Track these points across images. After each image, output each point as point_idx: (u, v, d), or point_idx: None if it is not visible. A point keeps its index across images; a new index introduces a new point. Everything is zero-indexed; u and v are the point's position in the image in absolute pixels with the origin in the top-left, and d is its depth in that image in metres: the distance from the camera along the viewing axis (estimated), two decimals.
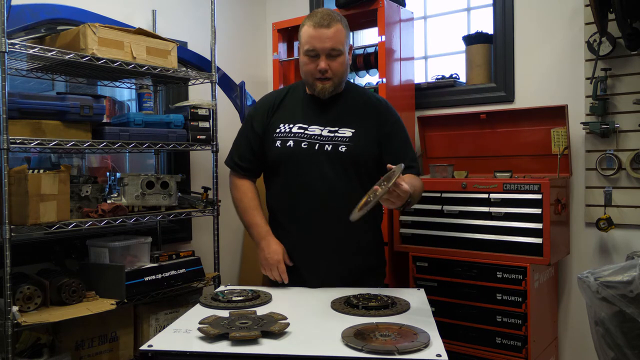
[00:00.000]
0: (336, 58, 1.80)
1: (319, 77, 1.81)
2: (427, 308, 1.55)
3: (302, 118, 1.89)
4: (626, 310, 1.83)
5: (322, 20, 1.77)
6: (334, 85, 1.84)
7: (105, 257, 2.24)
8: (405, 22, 2.84)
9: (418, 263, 2.46)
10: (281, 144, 1.86)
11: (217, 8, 2.75)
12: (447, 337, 2.29)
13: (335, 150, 1.82)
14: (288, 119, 1.90)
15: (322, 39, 1.76)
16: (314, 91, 1.87)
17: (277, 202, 1.95)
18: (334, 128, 1.86)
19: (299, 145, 1.84)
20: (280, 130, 1.89)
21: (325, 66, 1.78)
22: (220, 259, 2.70)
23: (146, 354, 1.23)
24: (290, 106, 1.93)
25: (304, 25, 1.81)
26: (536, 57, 2.64)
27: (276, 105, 1.94)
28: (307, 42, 1.79)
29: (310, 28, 1.78)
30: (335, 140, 1.84)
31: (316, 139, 1.85)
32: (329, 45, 1.77)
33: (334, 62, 1.79)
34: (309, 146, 1.84)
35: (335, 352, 1.20)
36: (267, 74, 3.55)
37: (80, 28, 2.07)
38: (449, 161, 2.65)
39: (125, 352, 2.35)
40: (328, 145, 1.83)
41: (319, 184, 1.83)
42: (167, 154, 2.91)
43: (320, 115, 1.89)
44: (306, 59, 1.81)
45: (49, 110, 2.01)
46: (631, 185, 2.37)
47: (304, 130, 1.86)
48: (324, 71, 1.79)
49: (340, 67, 1.81)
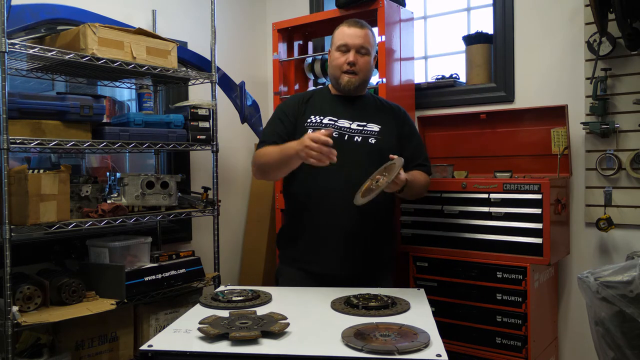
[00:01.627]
0: (364, 56, 1.98)
1: (347, 70, 1.97)
2: (427, 308, 1.55)
3: (331, 112, 2.02)
4: (626, 310, 1.84)
5: (356, 22, 2.01)
6: (359, 80, 1.99)
7: (105, 257, 2.24)
8: (405, 22, 2.84)
9: (418, 263, 2.46)
10: (313, 131, 1.90)
11: (217, 8, 2.75)
12: (447, 337, 2.29)
13: (365, 141, 1.96)
14: (318, 112, 2.02)
15: (354, 36, 1.97)
16: (339, 86, 2.01)
17: (302, 187, 1.98)
18: (362, 122, 2.00)
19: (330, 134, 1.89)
20: (311, 120, 2.00)
21: (354, 59, 1.96)
22: (220, 259, 2.70)
23: (146, 354, 1.23)
24: (319, 103, 2.06)
25: (339, 27, 2.03)
26: (536, 57, 2.64)
27: (305, 100, 2.07)
28: (341, 39, 1.99)
29: (345, 27, 2.00)
30: (364, 133, 1.98)
31: (346, 130, 1.98)
32: (360, 42, 1.96)
33: (361, 58, 1.98)
34: (340, 136, 1.95)
35: (335, 352, 1.20)
36: (267, 74, 3.55)
37: (80, 28, 2.08)
38: (449, 161, 2.65)
39: (125, 352, 2.35)
40: (358, 136, 1.97)
41: (349, 172, 1.89)
42: (167, 154, 2.91)
43: (348, 112, 2.02)
44: (337, 54, 1.99)
45: (49, 110, 2.01)
46: (631, 185, 2.37)
47: (334, 122, 1.99)
48: (352, 63, 1.96)
49: (366, 64, 1.99)
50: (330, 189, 1.91)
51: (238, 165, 3.34)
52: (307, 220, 1.98)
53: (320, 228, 1.95)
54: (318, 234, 1.95)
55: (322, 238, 1.94)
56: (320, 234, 1.95)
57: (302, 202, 2.00)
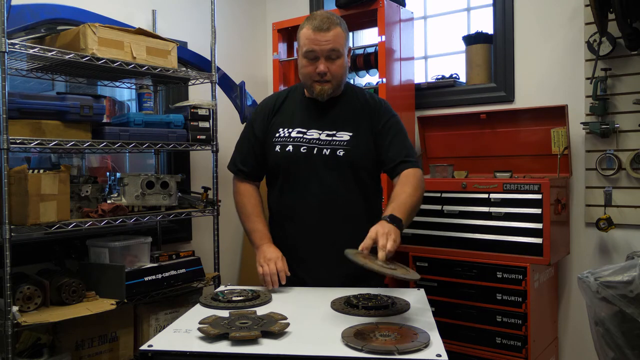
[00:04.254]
0: (335, 60, 1.79)
1: (318, 80, 1.81)
2: (427, 308, 1.55)
3: (300, 122, 1.89)
4: (626, 310, 1.84)
5: (321, 23, 1.77)
6: (332, 88, 1.83)
7: (105, 257, 2.24)
8: (405, 22, 2.84)
9: (418, 263, 2.46)
10: (280, 148, 1.87)
11: (217, 8, 2.75)
12: (447, 337, 2.29)
13: (333, 154, 1.83)
14: (287, 123, 1.90)
15: (321, 42, 1.76)
16: (312, 93, 1.86)
17: (277, 205, 1.95)
18: (332, 132, 1.86)
19: (297, 150, 1.85)
20: (279, 135, 1.89)
21: (325, 68, 1.78)
22: (220, 259, 2.70)
23: (146, 354, 1.23)
24: (290, 109, 1.93)
25: (303, 28, 1.81)
26: (536, 57, 2.64)
27: (276, 108, 1.95)
28: (306, 45, 1.78)
29: (310, 31, 1.77)
30: (333, 144, 1.84)
31: (314, 142, 1.85)
32: (328, 48, 1.77)
33: (333, 65, 1.79)
34: (307, 150, 1.84)
35: (335, 352, 1.20)
36: (267, 74, 3.55)
37: (80, 28, 2.07)
38: (449, 161, 2.65)
39: (125, 352, 2.35)
40: (326, 149, 1.83)
41: (318, 188, 1.84)
42: (167, 154, 2.90)
43: (319, 119, 1.88)
44: (305, 61, 1.81)
45: (49, 110, 2.01)
46: (631, 185, 2.37)
47: (302, 135, 1.87)
48: (322, 74, 1.79)
49: (339, 69, 1.81)
50: (304, 206, 1.85)
51: None
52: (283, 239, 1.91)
53: (299, 243, 1.88)
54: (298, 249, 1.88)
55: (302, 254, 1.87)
56: (300, 249, 1.88)
57: (275, 217, 1.97)
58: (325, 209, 1.84)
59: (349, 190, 1.85)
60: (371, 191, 1.93)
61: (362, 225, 1.80)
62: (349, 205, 1.86)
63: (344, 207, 1.85)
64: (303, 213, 1.86)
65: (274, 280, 1.76)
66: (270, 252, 1.84)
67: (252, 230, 1.93)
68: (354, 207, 1.87)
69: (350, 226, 1.83)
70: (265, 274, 1.79)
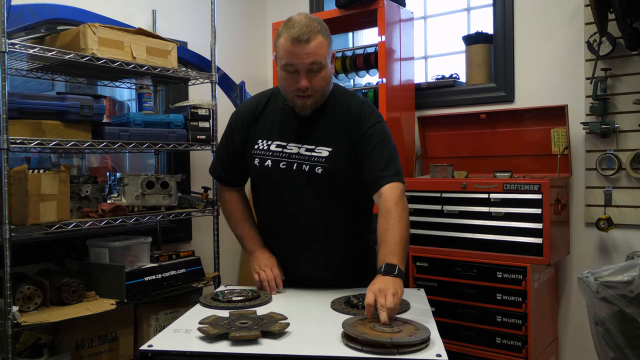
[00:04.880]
0: (318, 73, 1.64)
1: (299, 94, 1.67)
2: (427, 308, 1.55)
3: (280, 134, 1.78)
4: (626, 310, 1.84)
5: (300, 33, 1.60)
6: (315, 101, 1.70)
7: (105, 257, 2.24)
8: (405, 22, 2.84)
9: (418, 263, 2.46)
10: (259, 162, 1.79)
11: (217, 8, 2.75)
12: (447, 337, 2.29)
13: (312, 171, 1.73)
14: (266, 134, 1.80)
15: (301, 54, 1.60)
16: (294, 106, 1.74)
17: (260, 215, 1.94)
18: (312, 146, 1.74)
19: (277, 165, 1.76)
20: (258, 147, 1.80)
21: (306, 84, 1.63)
22: (220, 259, 2.70)
23: (146, 354, 1.23)
24: (270, 118, 1.82)
25: (280, 37, 1.65)
26: (536, 57, 2.64)
27: (257, 114, 1.84)
28: (285, 57, 1.63)
29: (288, 42, 1.61)
30: (312, 160, 1.74)
31: (294, 157, 1.75)
32: (309, 61, 1.61)
33: (315, 78, 1.64)
34: (287, 166, 1.75)
35: (335, 352, 1.20)
36: (267, 74, 3.55)
37: (80, 28, 2.07)
38: (449, 161, 2.65)
39: (125, 352, 2.35)
40: (305, 165, 1.74)
41: (297, 204, 1.78)
42: (167, 154, 2.91)
43: (299, 131, 1.77)
44: (284, 74, 1.66)
45: (49, 110, 2.01)
46: (631, 185, 2.37)
47: (282, 149, 1.77)
48: (304, 89, 1.64)
49: (322, 81, 1.66)
50: (285, 220, 1.81)
51: None
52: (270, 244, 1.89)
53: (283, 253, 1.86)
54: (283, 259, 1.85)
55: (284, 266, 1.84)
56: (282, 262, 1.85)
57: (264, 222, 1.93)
58: (304, 225, 1.79)
59: (329, 207, 1.76)
60: (355, 208, 1.82)
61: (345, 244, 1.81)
62: (330, 222, 1.78)
63: (322, 222, 1.78)
64: (283, 228, 1.83)
65: (272, 286, 1.76)
66: (264, 258, 1.83)
67: (243, 236, 1.92)
68: (335, 224, 1.79)
69: (332, 244, 1.79)
70: (262, 280, 1.78)
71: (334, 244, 1.80)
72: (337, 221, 1.79)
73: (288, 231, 1.83)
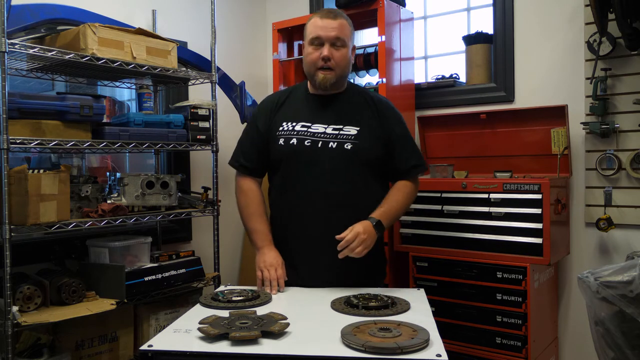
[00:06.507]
0: (339, 49, 1.83)
1: (321, 67, 1.82)
2: (427, 308, 1.55)
3: (305, 116, 1.89)
4: (626, 310, 1.84)
5: (328, 13, 1.85)
6: (335, 77, 1.84)
7: (105, 257, 2.24)
8: (405, 22, 2.84)
9: (418, 263, 2.46)
10: (284, 141, 1.87)
11: (217, 8, 2.75)
12: (447, 337, 2.29)
13: (341, 147, 1.82)
14: (291, 118, 1.91)
15: (327, 28, 1.81)
16: (315, 83, 1.87)
17: (279, 199, 1.94)
18: (338, 126, 1.86)
19: (302, 143, 1.84)
20: (283, 129, 1.89)
21: (329, 53, 1.81)
22: (220, 259, 2.70)
23: (146, 354, 1.23)
24: (293, 105, 1.94)
25: (311, 19, 1.88)
26: (536, 57, 2.64)
27: (279, 104, 1.95)
28: (313, 32, 1.84)
29: (318, 18, 1.85)
30: (340, 137, 1.84)
31: (320, 136, 1.85)
32: (334, 34, 1.81)
33: (337, 52, 1.83)
34: (312, 144, 1.84)
35: (335, 352, 1.20)
36: (267, 74, 3.55)
37: (80, 28, 2.07)
38: (449, 161, 2.65)
39: (125, 352, 2.35)
40: (333, 142, 1.83)
41: (322, 182, 1.82)
42: (167, 154, 2.91)
43: (324, 114, 1.89)
44: (310, 49, 1.85)
45: (49, 110, 2.01)
46: (631, 185, 2.37)
47: (307, 129, 1.87)
48: (326, 59, 1.81)
49: (342, 58, 1.84)
50: (307, 200, 1.84)
51: None
52: (289, 230, 1.91)
53: (300, 239, 1.88)
54: (299, 245, 1.88)
55: (303, 249, 1.87)
56: (301, 245, 1.87)
57: (281, 212, 1.94)
58: (328, 202, 1.83)
59: (354, 184, 1.84)
60: (375, 187, 1.91)
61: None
62: (353, 198, 1.84)
63: (347, 200, 1.83)
64: (306, 206, 1.85)
65: (273, 285, 1.77)
66: (270, 257, 1.84)
67: (254, 230, 1.93)
68: (360, 199, 1.85)
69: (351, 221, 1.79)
70: (265, 278, 1.80)
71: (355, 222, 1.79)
72: (361, 197, 1.84)
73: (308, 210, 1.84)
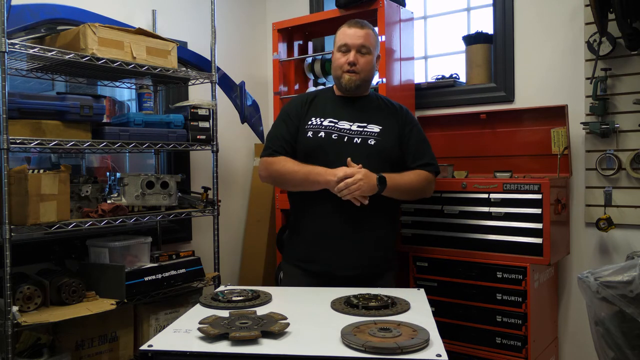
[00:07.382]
0: (365, 55, 2.00)
1: (347, 70, 1.99)
2: (427, 308, 1.55)
3: (332, 114, 2.04)
4: (626, 310, 1.84)
5: (356, 23, 2.03)
6: (360, 80, 2.01)
7: (105, 257, 2.24)
8: (405, 22, 2.84)
9: (418, 263, 2.46)
10: (312, 134, 2.00)
11: (217, 8, 2.75)
12: (447, 337, 2.29)
13: (365, 143, 1.97)
14: (320, 114, 2.05)
15: (354, 36, 2.00)
16: (341, 85, 2.03)
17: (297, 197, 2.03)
18: (363, 124, 2.01)
19: (329, 137, 1.98)
20: (312, 123, 2.03)
21: (354, 59, 1.98)
22: (220, 259, 2.70)
23: (146, 354, 1.23)
24: (321, 104, 2.09)
25: (341, 28, 2.05)
26: (536, 57, 2.64)
27: (309, 101, 2.10)
28: (341, 39, 2.02)
29: (346, 27, 2.03)
30: (364, 134, 1.99)
31: (345, 132, 1.99)
32: (360, 42, 1.99)
33: (362, 58, 2.00)
34: (339, 138, 1.98)
35: (335, 352, 1.20)
36: (267, 74, 3.55)
37: (80, 28, 2.08)
38: (449, 161, 2.65)
39: (125, 352, 2.35)
40: (357, 138, 1.98)
41: None
42: (167, 154, 2.91)
43: (349, 112, 2.04)
44: (339, 54, 2.03)
45: (49, 110, 2.01)
46: (631, 185, 2.37)
47: (334, 124, 2.01)
48: (352, 63, 1.98)
49: (367, 64, 2.01)
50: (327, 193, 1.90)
51: (238, 165, 3.34)
52: (308, 221, 2.01)
53: (320, 229, 1.97)
54: (318, 235, 1.98)
55: (321, 239, 1.97)
56: (320, 235, 1.97)
57: (303, 203, 2.03)
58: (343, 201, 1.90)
59: None
60: None
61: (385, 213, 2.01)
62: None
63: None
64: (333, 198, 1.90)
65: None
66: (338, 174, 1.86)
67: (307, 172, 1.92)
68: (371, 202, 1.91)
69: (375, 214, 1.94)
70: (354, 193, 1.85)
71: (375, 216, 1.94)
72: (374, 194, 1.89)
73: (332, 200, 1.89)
